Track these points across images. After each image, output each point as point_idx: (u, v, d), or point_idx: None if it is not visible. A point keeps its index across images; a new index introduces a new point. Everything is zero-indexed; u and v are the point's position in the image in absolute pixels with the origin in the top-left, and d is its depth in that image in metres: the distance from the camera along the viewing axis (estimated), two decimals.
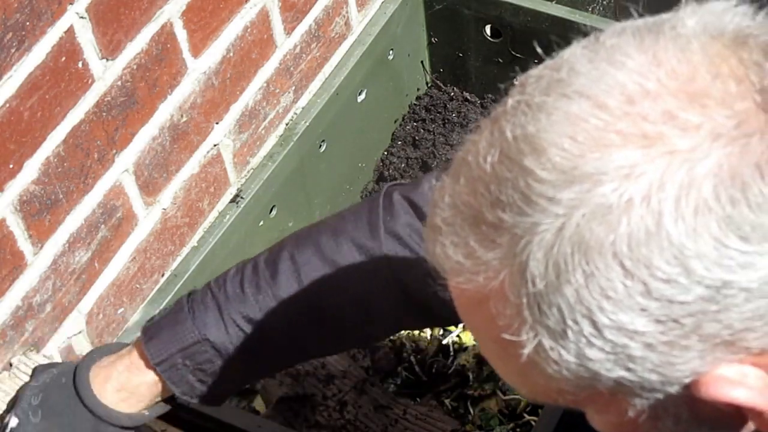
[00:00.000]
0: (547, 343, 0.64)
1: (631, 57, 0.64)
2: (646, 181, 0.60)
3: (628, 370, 0.64)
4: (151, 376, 1.22)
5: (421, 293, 1.13)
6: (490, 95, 1.92)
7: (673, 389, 0.65)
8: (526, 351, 0.65)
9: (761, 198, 0.60)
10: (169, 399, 1.27)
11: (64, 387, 1.23)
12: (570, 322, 0.63)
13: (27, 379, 1.32)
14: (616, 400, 0.67)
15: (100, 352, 1.26)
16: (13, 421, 1.23)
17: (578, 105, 0.63)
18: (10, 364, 1.35)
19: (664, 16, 0.67)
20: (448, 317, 0.93)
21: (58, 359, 1.41)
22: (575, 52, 0.66)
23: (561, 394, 0.69)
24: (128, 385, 1.22)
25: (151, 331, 1.22)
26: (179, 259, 1.58)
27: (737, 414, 0.65)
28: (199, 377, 1.21)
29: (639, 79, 0.63)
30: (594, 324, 0.62)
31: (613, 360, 0.64)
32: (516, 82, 0.68)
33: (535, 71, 0.67)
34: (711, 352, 0.63)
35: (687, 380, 0.64)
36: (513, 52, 1.84)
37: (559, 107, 0.63)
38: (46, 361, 1.35)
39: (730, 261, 0.60)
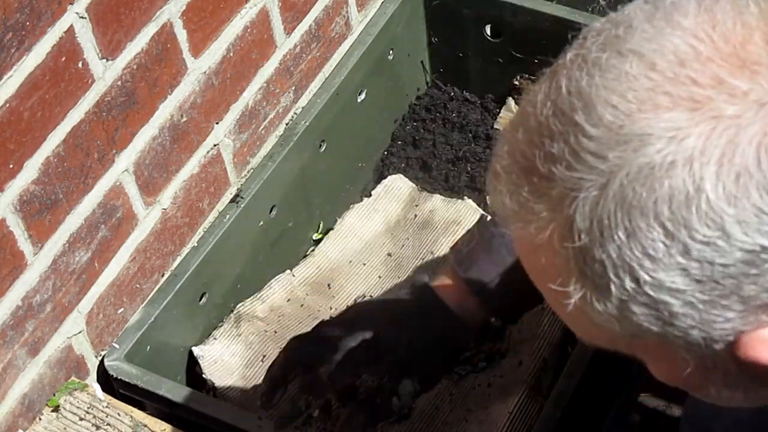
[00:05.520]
0: (592, 295, 0.66)
1: (688, 16, 0.64)
2: (689, 144, 0.61)
3: (671, 325, 0.66)
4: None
5: None
6: (490, 95, 1.92)
7: (717, 346, 0.66)
8: (572, 301, 0.67)
9: None
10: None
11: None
12: (612, 277, 0.65)
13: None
14: (665, 352, 0.69)
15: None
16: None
17: (631, 63, 0.64)
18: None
19: None
20: None
21: (58, 358, 1.41)
22: (637, 7, 0.67)
23: (612, 342, 0.71)
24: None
25: (466, 262, 1.31)
26: (179, 259, 1.58)
27: None
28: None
29: (692, 41, 0.63)
30: (636, 280, 0.64)
31: (655, 315, 0.65)
32: (579, 36, 0.69)
33: (597, 24, 0.68)
34: (753, 314, 0.64)
35: (730, 338, 0.66)
36: (513, 52, 1.83)
37: (613, 65, 0.65)
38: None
39: None
